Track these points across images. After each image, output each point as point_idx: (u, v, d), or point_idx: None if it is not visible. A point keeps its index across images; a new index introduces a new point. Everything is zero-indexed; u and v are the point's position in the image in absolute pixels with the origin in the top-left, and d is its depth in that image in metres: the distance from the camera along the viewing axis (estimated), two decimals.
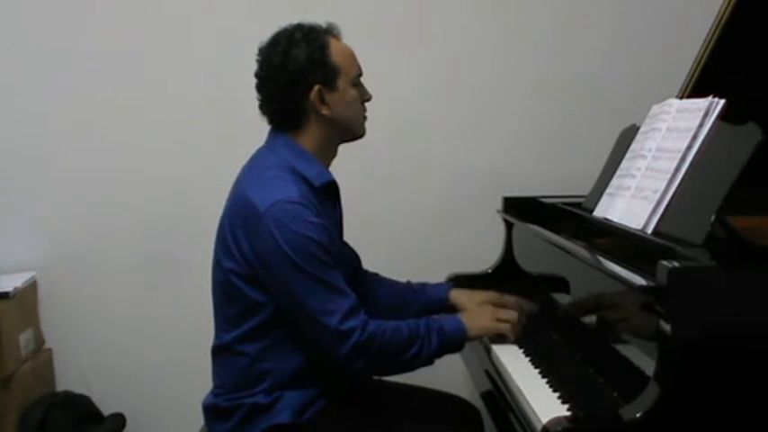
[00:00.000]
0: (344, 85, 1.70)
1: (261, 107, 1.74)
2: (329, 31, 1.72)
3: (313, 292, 1.57)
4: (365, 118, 1.77)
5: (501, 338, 1.81)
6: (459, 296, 1.97)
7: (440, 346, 1.67)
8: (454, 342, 1.71)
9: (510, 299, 1.91)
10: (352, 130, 1.75)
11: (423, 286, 2.02)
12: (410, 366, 1.67)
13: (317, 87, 1.67)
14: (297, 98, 1.68)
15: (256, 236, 1.60)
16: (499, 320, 1.78)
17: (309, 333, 1.61)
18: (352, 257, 1.93)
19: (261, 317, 1.65)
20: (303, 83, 1.67)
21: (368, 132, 1.79)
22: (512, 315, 1.81)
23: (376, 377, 1.88)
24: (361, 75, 1.76)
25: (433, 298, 1.97)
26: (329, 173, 1.74)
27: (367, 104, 1.78)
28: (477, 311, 1.83)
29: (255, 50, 1.74)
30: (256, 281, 1.63)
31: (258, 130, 1.78)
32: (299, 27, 1.71)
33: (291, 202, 1.59)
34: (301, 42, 1.67)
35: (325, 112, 1.69)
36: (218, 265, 1.71)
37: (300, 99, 1.68)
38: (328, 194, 1.74)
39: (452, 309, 1.94)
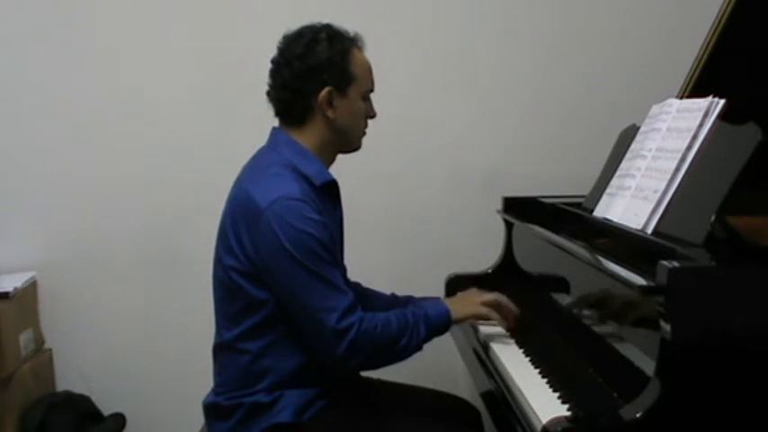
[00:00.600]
0: (355, 95, 1.71)
1: (269, 93, 1.74)
2: (354, 41, 1.74)
3: (312, 289, 1.58)
4: (364, 133, 1.79)
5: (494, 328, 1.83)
6: None
7: (427, 333, 1.70)
8: (440, 326, 1.74)
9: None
10: (349, 141, 1.77)
11: (409, 299, 2.00)
12: (401, 356, 1.68)
13: (328, 88, 1.68)
14: (307, 92, 1.69)
15: (257, 232, 1.60)
16: (483, 303, 1.81)
17: (307, 330, 1.62)
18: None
19: (262, 314, 1.65)
20: (317, 79, 1.68)
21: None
22: (495, 297, 1.83)
23: (375, 377, 1.88)
24: (372, 91, 1.77)
25: None
26: (329, 172, 1.75)
27: None
28: (461, 295, 1.89)
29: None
30: (257, 277, 1.63)
31: (259, 130, 1.78)
32: (327, 27, 1.72)
33: (293, 198, 1.59)
34: (325, 41, 1.68)
35: (330, 114, 1.70)
36: (219, 262, 1.71)
37: (310, 94, 1.69)
38: (329, 194, 1.74)
39: None
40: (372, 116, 1.79)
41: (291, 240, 1.57)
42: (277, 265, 1.59)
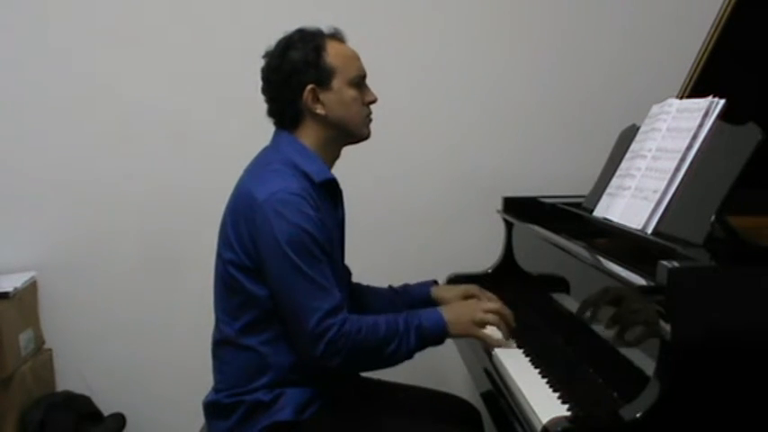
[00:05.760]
0: (340, 85, 1.71)
1: (267, 110, 1.77)
2: (331, 35, 1.74)
3: (297, 287, 1.58)
4: (369, 120, 1.78)
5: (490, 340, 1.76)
6: (440, 292, 1.97)
7: (419, 342, 1.67)
8: (433, 338, 1.70)
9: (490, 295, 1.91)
10: (350, 131, 1.75)
11: (405, 287, 2.01)
12: (389, 362, 1.67)
13: (309, 87, 1.68)
14: (291, 98, 1.70)
15: (254, 225, 1.61)
16: (485, 311, 1.74)
17: (289, 326, 1.63)
18: (344, 273, 1.91)
19: (259, 309, 1.65)
20: (295, 83, 1.69)
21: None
22: (496, 305, 1.78)
23: (375, 378, 1.88)
24: (363, 77, 1.76)
25: (416, 297, 1.96)
26: (330, 171, 1.75)
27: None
28: (460, 306, 1.82)
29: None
30: (254, 272, 1.64)
31: (261, 132, 1.78)
32: (300, 31, 1.73)
33: (290, 192, 1.60)
34: (298, 44, 1.70)
35: (320, 111, 1.70)
36: (218, 257, 1.72)
37: (294, 99, 1.70)
38: (329, 192, 1.74)
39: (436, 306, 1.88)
40: (372, 101, 1.77)
41: (284, 234, 1.57)
42: (269, 258, 1.59)
